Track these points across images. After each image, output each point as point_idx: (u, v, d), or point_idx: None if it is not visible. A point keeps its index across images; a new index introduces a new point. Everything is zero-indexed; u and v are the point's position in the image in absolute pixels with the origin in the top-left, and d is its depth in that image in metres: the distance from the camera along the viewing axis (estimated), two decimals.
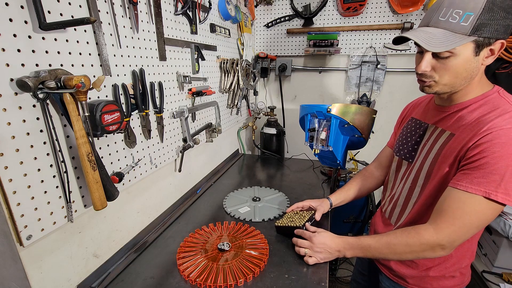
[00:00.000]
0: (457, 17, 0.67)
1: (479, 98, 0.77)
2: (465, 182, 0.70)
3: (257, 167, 1.90)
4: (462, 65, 0.71)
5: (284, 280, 0.87)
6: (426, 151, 0.85)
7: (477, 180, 0.68)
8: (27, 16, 0.61)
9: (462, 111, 0.79)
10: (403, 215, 0.93)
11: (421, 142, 0.89)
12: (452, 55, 0.70)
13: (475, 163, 0.69)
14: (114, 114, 0.78)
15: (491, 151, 0.67)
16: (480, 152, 0.68)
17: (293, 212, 1.16)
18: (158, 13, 1.03)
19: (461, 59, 0.70)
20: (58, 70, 0.66)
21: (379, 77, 2.05)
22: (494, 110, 0.72)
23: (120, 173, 0.90)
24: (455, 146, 0.75)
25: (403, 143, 0.96)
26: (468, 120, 0.75)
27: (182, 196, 1.36)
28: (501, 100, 0.74)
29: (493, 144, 0.67)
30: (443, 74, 0.73)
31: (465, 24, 0.67)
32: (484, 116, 0.72)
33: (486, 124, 0.69)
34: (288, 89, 2.32)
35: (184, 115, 1.23)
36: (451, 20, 0.68)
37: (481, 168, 0.68)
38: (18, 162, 0.62)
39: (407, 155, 0.93)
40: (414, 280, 0.92)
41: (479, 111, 0.74)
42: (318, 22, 2.07)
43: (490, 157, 0.67)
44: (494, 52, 0.72)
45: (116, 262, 0.95)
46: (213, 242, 1.03)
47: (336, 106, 1.22)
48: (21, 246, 0.64)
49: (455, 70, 0.72)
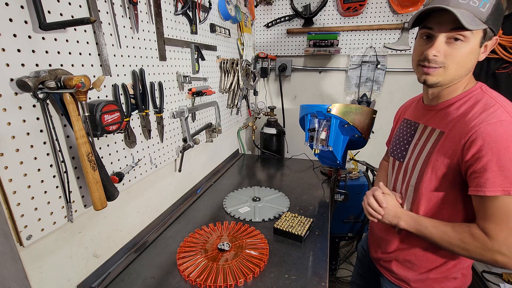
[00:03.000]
0: (477, 2, 0.67)
1: (464, 95, 0.78)
2: (481, 186, 0.69)
3: (257, 167, 1.90)
4: (467, 54, 0.72)
5: (284, 280, 0.87)
6: (418, 151, 0.85)
7: (489, 182, 0.68)
8: (27, 16, 0.61)
9: (448, 108, 0.80)
10: None
11: (412, 141, 0.89)
12: (465, 40, 0.70)
13: (478, 164, 0.69)
14: (114, 114, 0.78)
15: (489, 148, 0.67)
16: (478, 150, 0.69)
17: (292, 216, 1.16)
18: (158, 13, 1.03)
19: (469, 47, 0.71)
20: (58, 70, 0.66)
21: (379, 77, 2.05)
22: (477, 104, 0.74)
23: (120, 173, 0.90)
24: (448, 146, 0.76)
25: (396, 143, 0.98)
26: (455, 117, 0.77)
27: (182, 196, 1.36)
28: (484, 95, 0.75)
29: (486, 141, 0.67)
30: (453, 61, 0.73)
31: (483, 10, 0.67)
32: (469, 112, 0.74)
33: (473, 121, 0.71)
34: (288, 89, 2.32)
35: (184, 115, 1.23)
36: (471, 3, 0.67)
37: (487, 169, 0.68)
38: (18, 162, 0.62)
39: (399, 155, 0.94)
40: (416, 283, 0.91)
41: (464, 107, 0.76)
42: (318, 22, 2.07)
43: (490, 155, 0.67)
44: (487, 48, 0.74)
45: (116, 262, 0.95)
46: (213, 242, 1.03)
47: (336, 106, 1.22)
48: (21, 246, 0.64)
49: (461, 58, 0.72)
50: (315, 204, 1.34)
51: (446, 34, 0.71)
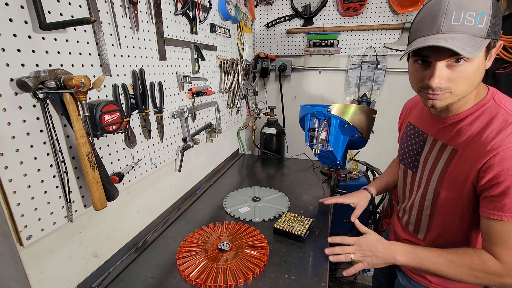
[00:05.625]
0: (472, 20, 0.61)
1: (475, 108, 0.74)
2: (497, 210, 0.67)
3: (257, 167, 1.90)
4: (476, 71, 0.66)
5: (284, 280, 0.87)
6: (431, 166, 0.83)
7: (507, 207, 0.66)
8: (27, 16, 0.61)
9: (460, 123, 0.76)
10: (419, 226, 0.91)
11: (422, 152, 0.88)
12: (469, 60, 0.64)
13: (496, 189, 0.66)
14: (114, 114, 0.78)
15: (508, 174, 0.64)
16: (495, 176, 0.66)
17: (292, 216, 1.16)
18: (158, 13, 1.03)
19: (476, 65, 0.65)
20: (58, 70, 0.66)
21: (379, 77, 2.05)
22: (492, 122, 0.69)
23: (120, 173, 0.90)
24: (462, 166, 0.73)
25: (405, 151, 0.95)
26: (468, 135, 0.73)
27: (182, 196, 1.36)
28: (498, 109, 0.70)
29: (506, 166, 0.64)
30: (459, 84, 0.67)
31: (481, 26, 0.62)
32: (484, 131, 0.70)
33: (489, 143, 0.67)
34: (288, 89, 2.32)
35: (184, 115, 1.23)
36: (467, 23, 0.62)
37: (506, 194, 0.65)
38: (18, 162, 0.62)
39: (411, 165, 0.93)
40: (436, 279, 0.89)
41: (478, 124, 0.72)
42: (318, 22, 2.07)
43: (509, 181, 0.64)
44: (492, 54, 0.68)
45: (116, 262, 0.95)
46: (213, 242, 1.03)
47: (336, 106, 1.22)
48: (21, 246, 0.64)
49: (471, 77, 0.66)
50: (315, 204, 1.34)
51: (445, 61, 0.66)
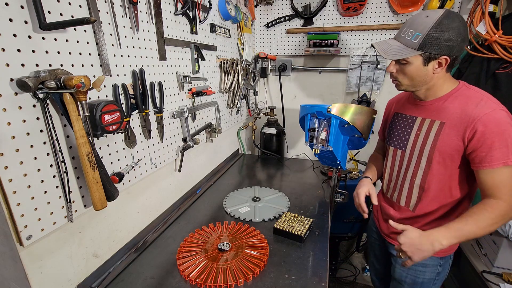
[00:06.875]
0: (410, 35, 0.88)
1: (452, 92, 0.95)
2: (488, 162, 0.84)
3: (257, 167, 1.90)
4: (414, 71, 0.91)
5: (284, 280, 0.87)
6: (421, 143, 0.99)
7: (495, 157, 0.83)
8: (27, 16, 0.61)
9: (442, 103, 0.95)
10: (411, 199, 1.04)
11: (411, 132, 1.03)
12: (407, 63, 0.90)
13: (483, 146, 0.84)
14: (114, 114, 0.78)
15: (491, 132, 0.83)
16: (481, 136, 0.84)
17: (292, 216, 1.16)
18: (158, 13, 1.03)
19: (414, 67, 0.90)
20: (58, 70, 0.66)
21: (379, 77, 2.05)
22: (469, 100, 0.90)
23: (120, 173, 0.90)
24: (452, 133, 0.91)
25: (394, 135, 1.11)
26: (452, 111, 0.92)
27: (182, 196, 1.36)
28: (470, 91, 0.93)
29: (488, 128, 0.83)
30: (403, 77, 0.95)
31: (414, 41, 0.86)
32: (465, 108, 0.89)
33: (471, 113, 0.87)
34: (288, 89, 2.32)
35: (184, 115, 1.23)
36: (406, 37, 0.89)
37: (492, 147, 0.83)
38: (18, 162, 0.62)
39: (400, 144, 1.07)
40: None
41: (458, 102, 0.92)
42: (318, 22, 2.07)
43: (493, 136, 0.83)
44: (442, 65, 0.88)
45: (116, 262, 0.95)
46: (213, 242, 1.03)
47: (336, 106, 1.22)
48: (21, 246, 0.64)
49: (410, 74, 0.92)
50: (315, 204, 1.34)
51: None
